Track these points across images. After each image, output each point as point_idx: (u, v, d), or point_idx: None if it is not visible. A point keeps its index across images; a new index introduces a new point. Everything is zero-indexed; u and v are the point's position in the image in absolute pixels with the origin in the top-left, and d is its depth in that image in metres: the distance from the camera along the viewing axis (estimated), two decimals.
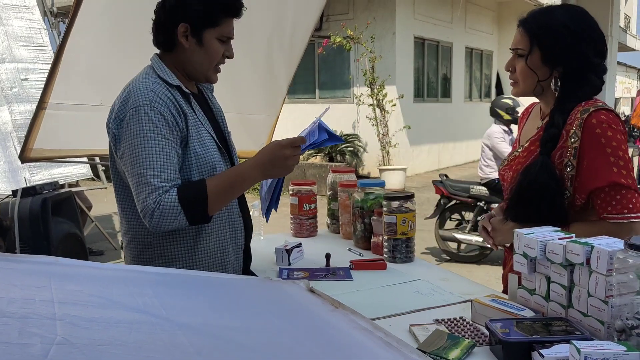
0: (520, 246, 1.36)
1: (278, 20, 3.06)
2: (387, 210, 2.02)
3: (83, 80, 2.49)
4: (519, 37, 1.65)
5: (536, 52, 1.61)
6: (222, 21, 1.66)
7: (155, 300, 1.00)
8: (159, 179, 1.54)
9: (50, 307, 0.84)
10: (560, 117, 1.57)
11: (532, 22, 1.63)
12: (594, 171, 1.50)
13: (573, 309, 1.25)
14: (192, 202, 1.55)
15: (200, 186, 1.58)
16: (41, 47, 5.79)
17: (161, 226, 1.55)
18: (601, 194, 1.50)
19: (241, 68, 2.81)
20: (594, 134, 1.51)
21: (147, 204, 1.53)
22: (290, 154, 1.59)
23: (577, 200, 1.55)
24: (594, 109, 1.53)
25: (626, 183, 1.48)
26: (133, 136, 1.56)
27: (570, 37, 1.57)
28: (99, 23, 2.37)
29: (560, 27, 1.58)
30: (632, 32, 26.58)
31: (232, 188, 1.63)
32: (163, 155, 1.56)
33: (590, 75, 1.59)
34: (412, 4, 11.60)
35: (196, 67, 1.70)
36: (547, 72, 1.62)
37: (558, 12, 1.62)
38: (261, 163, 1.61)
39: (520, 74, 1.65)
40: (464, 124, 13.89)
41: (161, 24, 1.68)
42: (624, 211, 1.48)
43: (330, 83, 11.88)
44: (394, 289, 1.78)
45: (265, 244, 2.29)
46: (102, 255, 5.96)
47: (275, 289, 1.34)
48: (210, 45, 1.67)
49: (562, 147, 1.56)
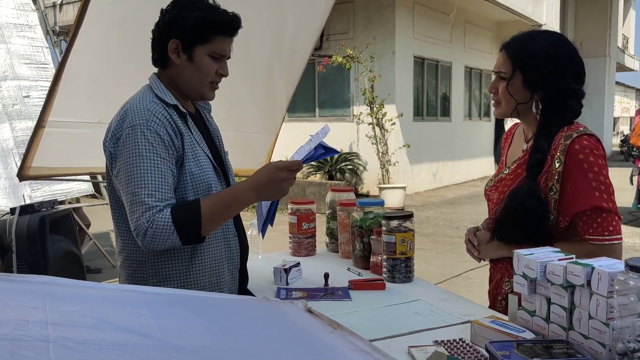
0: (520, 267, 1.35)
1: (278, 39, 3.08)
2: (386, 230, 2.01)
3: (82, 98, 2.49)
4: (501, 60, 1.71)
5: (518, 76, 1.67)
6: (214, 38, 1.66)
7: (151, 321, 0.99)
8: (153, 198, 1.54)
9: (44, 329, 0.82)
10: (544, 141, 1.63)
11: (514, 47, 1.69)
12: (577, 195, 1.57)
13: (574, 331, 1.23)
14: (186, 223, 1.55)
15: (194, 206, 1.57)
16: (43, 65, 5.82)
17: (154, 245, 1.54)
18: (583, 217, 1.57)
19: (241, 86, 2.82)
20: (577, 159, 1.57)
21: (140, 223, 1.53)
22: (286, 177, 1.59)
23: (560, 223, 1.62)
24: (577, 135, 1.59)
25: (607, 207, 1.55)
26: (129, 155, 1.56)
27: (551, 64, 1.63)
28: (100, 42, 2.38)
29: (541, 53, 1.64)
30: (630, 53, 26.80)
31: (226, 209, 1.63)
32: (158, 175, 1.56)
33: (570, 101, 1.65)
34: (412, 24, 11.70)
35: (188, 84, 1.70)
36: (527, 95, 1.68)
37: (540, 38, 1.68)
38: (257, 185, 1.60)
39: (502, 96, 1.71)
40: (463, 142, 13.92)
41: (155, 40, 1.70)
42: (605, 233, 1.55)
43: (330, 102, 11.93)
44: (393, 309, 1.76)
45: (264, 263, 2.28)
46: (99, 272, 5.93)
47: (272, 310, 1.32)
48: (200, 61, 1.67)
49: (547, 171, 1.62)
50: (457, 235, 7.84)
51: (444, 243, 7.27)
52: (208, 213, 1.57)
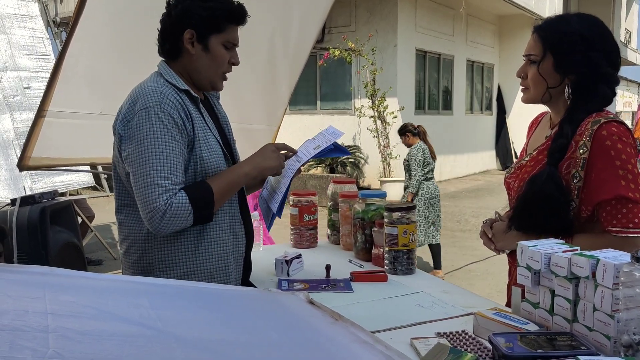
0: (523, 259, 1.34)
1: (280, 31, 3.06)
2: (388, 222, 2.00)
3: (84, 88, 2.48)
4: (532, 43, 1.64)
5: (549, 59, 1.60)
6: (227, 27, 1.69)
7: (151, 312, 0.98)
8: (169, 181, 1.55)
9: (44, 319, 0.82)
10: (569, 127, 1.56)
11: (547, 28, 1.62)
12: (602, 183, 1.49)
13: (578, 323, 1.22)
14: (202, 203, 1.60)
15: (206, 186, 1.63)
16: (44, 55, 5.81)
17: (170, 227, 1.57)
18: (607, 207, 1.49)
19: (243, 79, 2.81)
20: (604, 145, 1.49)
21: (157, 205, 1.53)
22: (274, 147, 1.78)
23: (582, 212, 1.54)
24: (605, 121, 1.51)
25: (633, 197, 1.46)
26: (142, 137, 1.56)
27: (584, 46, 1.56)
28: (100, 32, 2.37)
29: (574, 35, 1.57)
30: (632, 47, 26.70)
31: (230, 185, 1.69)
32: (173, 157, 1.58)
33: (601, 86, 1.57)
34: (414, 17, 11.65)
35: (202, 74, 1.72)
36: (558, 79, 1.60)
37: (574, 21, 1.61)
38: (250, 157, 1.75)
39: (531, 80, 1.64)
40: (465, 136, 13.90)
41: (167, 31, 1.69)
42: (629, 225, 1.47)
43: (331, 95, 11.90)
44: (395, 301, 1.75)
45: (265, 254, 2.27)
46: (100, 265, 5.94)
47: (274, 301, 1.32)
48: (216, 51, 1.69)
49: (570, 157, 1.54)
50: (459, 229, 7.83)
51: (445, 236, 7.26)
52: (218, 192, 1.64)
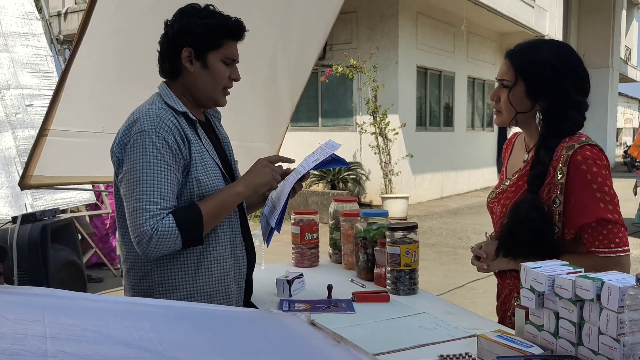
0: (527, 280, 1.33)
1: (282, 49, 3.08)
2: (390, 241, 1.99)
3: (86, 107, 2.49)
4: (505, 68, 1.69)
5: (520, 85, 1.65)
6: (225, 43, 1.69)
7: (151, 335, 0.97)
8: (157, 206, 1.55)
9: (42, 343, 0.81)
10: (545, 154, 1.60)
11: (518, 55, 1.67)
12: (581, 207, 1.54)
13: (583, 346, 1.21)
14: (190, 226, 1.58)
15: (195, 209, 1.61)
16: (47, 73, 5.83)
17: (157, 252, 1.55)
18: (588, 229, 1.54)
19: (244, 96, 2.81)
20: (580, 170, 1.54)
21: (144, 230, 1.52)
22: (265, 162, 1.74)
23: (566, 235, 1.59)
24: (579, 145, 1.56)
25: (612, 218, 1.52)
26: (135, 161, 1.57)
27: (555, 74, 1.61)
28: (103, 50, 2.38)
29: (545, 63, 1.62)
30: (632, 64, 26.83)
31: (221, 207, 1.66)
32: (164, 182, 1.57)
33: (572, 112, 1.62)
34: (415, 34, 11.73)
35: (203, 91, 1.72)
36: (529, 105, 1.65)
37: (545, 48, 1.66)
38: (242, 176, 1.74)
39: (503, 104, 1.69)
40: (466, 152, 13.91)
41: (166, 51, 1.70)
42: (611, 245, 1.53)
43: (332, 111, 11.94)
44: (397, 322, 1.74)
45: (266, 274, 2.26)
46: (101, 282, 5.90)
47: (275, 323, 1.30)
48: (215, 67, 1.69)
49: (549, 183, 1.59)
50: (460, 246, 7.80)
51: (447, 253, 7.24)
52: (208, 213, 1.61)
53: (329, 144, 1.89)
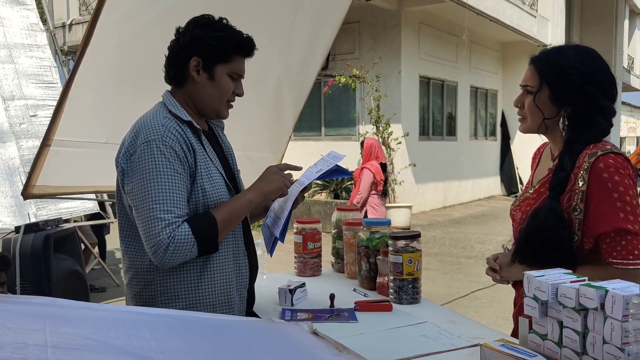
0: (530, 289, 1.32)
1: (286, 59, 3.09)
2: (393, 250, 1.98)
3: (89, 117, 2.50)
4: (529, 74, 1.66)
5: (545, 91, 1.62)
6: (234, 58, 1.70)
7: (152, 344, 0.97)
8: (172, 214, 1.55)
9: (43, 353, 0.80)
10: (568, 160, 1.56)
11: (543, 60, 1.64)
12: (600, 216, 1.50)
13: (588, 356, 1.20)
14: (206, 234, 1.59)
15: (209, 217, 1.61)
16: (51, 84, 5.87)
17: (174, 261, 1.56)
18: (607, 239, 1.50)
19: (248, 106, 2.82)
20: (601, 178, 1.50)
21: (161, 239, 1.52)
22: (276, 169, 1.76)
23: (585, 244, 1.55)
24: (602, 153, 1.52)
25: (632, 229, 1.47)
26: (145, 171, 1.56)
27: (580, 79, 1.57)
28: (107, 61, 2.39)
29: (570, 68, 1.58)
30: (635, 73, 26.82)
31: (234, 214, 1.67)
32: (176, 190, 1.57)
33: (598, 118, 1.58)
34: (418, 44, 11.77)
35: (207, 102, 1.72)
36: (554, 110, 1.62)
37: (570, 53, 1.62)
38: (253, 184, 1.73)
39: (528, 111, 1.66)
40: (469, 162, 13.91)
41: (174, 57, 1.71)
42: (629, 257, 1.47)
43: (335, 121, 11.97)
44: (400, 331, 1.73)
45: (268, 283, 2.25)
46: (104, 292, 5.90)
47: (277, 332, 1.30)
48: (221, 80, 1.70)
49: (570, 190, 1.55)
50: (464, 255, 7.78)
51: (450, 263, 7.22)
52: (222, 221, 1.63)
53: (332, 154, 1.90)
